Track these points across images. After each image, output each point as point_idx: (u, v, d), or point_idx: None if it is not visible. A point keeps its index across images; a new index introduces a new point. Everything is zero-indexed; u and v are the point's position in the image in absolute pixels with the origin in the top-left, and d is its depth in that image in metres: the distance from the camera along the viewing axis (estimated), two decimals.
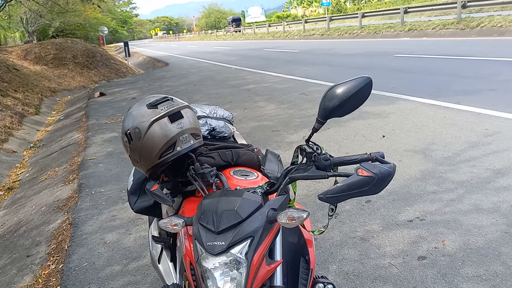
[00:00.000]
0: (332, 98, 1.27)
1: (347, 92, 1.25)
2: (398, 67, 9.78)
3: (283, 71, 11.56)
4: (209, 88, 10.15)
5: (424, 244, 2.71)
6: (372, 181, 1.16)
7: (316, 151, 1.33)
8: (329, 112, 1.27)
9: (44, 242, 3.55)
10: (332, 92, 1.27)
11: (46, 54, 15.95)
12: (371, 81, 1.27)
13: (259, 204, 1.22)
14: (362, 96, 1.27)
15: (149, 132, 1.39)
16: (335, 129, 5.41)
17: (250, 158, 1.67)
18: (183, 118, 1.44)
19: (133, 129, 1.42)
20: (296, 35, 28.47)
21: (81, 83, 15.25)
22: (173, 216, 1.31)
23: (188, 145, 1.44)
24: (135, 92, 10.88)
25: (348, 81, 1.27)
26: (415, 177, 3.69)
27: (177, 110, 1.43)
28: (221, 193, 1.27)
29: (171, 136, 1.40)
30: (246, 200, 1.22)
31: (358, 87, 1.25)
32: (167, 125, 1.40)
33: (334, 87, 1.27)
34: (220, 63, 16.36)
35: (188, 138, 1.44)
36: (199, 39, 54.67)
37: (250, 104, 7.72)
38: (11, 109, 9.20)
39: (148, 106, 1.43)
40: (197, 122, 1.52)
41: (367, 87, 1.26)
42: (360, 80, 1.26)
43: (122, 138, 1.48)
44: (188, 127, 1.44)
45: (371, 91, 1.30)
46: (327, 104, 1.27)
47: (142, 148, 1.42)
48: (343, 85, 1.27)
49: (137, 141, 1.42)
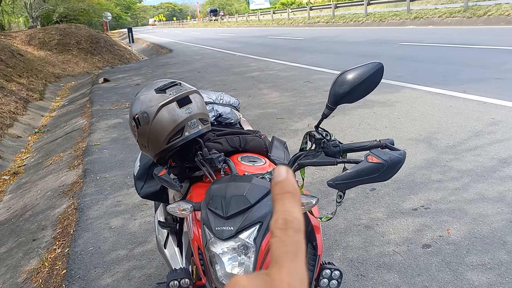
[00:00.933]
0: (343, 83, 1.26)
1: (357, 77, 1.24)
2: (404, 55, 9.71)
3: (288, 58, 11.50)
4: (213, 75, 10.11)
5: (428, 232, 2.71)
6: (382, 167, 1.16)
7: (325, 137, 1.33)
8: (339, 98, 1.26)
9: (49, 226, 3.57)
10: (343, 77, 1.26)
11: (50, 39, 15.90)
12: (383, 67, 1.26)
13: (268, 190, 1.22)
14: (373, 82, 1.26)
15: (157, 117, 1.39)
16: (340, 117, 5.39)
17: (258, 144, 1.66)
18: (192, 103, 1.43)
19: (141, 114, 1.41)
20: (300, 22, 28.25)
21: (85, 69, 15.21)
22: (181, 201, 1.31)
23: (196, 130, 1.43)
24: (139, 79, 10.86)
25: (359, 66, 1.26)
26: (420, 166, 3.68)
27: (186, 95, 1.43)
28: (229, 179, 1.27)
29: (180, 121, 1.40)
30: (255, 186, 1.22)
31: (369, 73, 1.24)
32: (175, 110, 1.40)
33: (344, 73, 1.26)
34: (224, 50, 16.28)
35: (197, 123, 1.44)
36: (202, 26, 54.35)
37: (255, 91, 7.70)
38: (15, 94, 9.20)
39: (157, 91, 1.43)
40: (205, 107, 1.52)
41: (378, 72, 1.25)
42: (371, 66, 1.25)
43: (130, 123, 1.48)
44: (196, 112, 1.44)
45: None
46: (338, 90, 1.26)
47: (150, 133, 1.41)
48: (354, 71, 1.26)
49: (145, 125, 1.41)
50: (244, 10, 61.99)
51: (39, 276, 2.86)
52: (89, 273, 2.71)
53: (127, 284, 2.55)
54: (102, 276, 2.65)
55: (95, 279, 2.64)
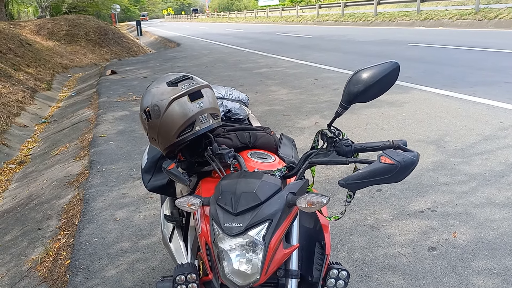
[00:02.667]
0: (357, 82, 1.24)
1: (373, 77, 1.23)
2: (413, 56, 9.65)
3: (296, 56, 11.46)
4: (220, 71, 10.09)
5: (434, 235, 2.70)
6: (394, 169, 1.15)
7: (337, 136, 1.31)
8: (353, 97, 1.25)
9: (55, 216, 3.58)
10: (358, 76, 1.24)
11: (58, 30, 15.92)
12: (399, 67, 1.24)
13: (278, 187, 1.21)
14: (388, 82, 1.24)
15: (168, 110, 1.38)
16: (347, 116, 5.37)
17: (268, 141, 1.65)
18: (203, 97, 1.42)
19: (152, 107, 1.41)
20: (309, 20, 28.16)
21: (92, 60, 15.23)
22: (190, 196, 1.30)
23: (207, 125, 1.43)
24: (146, 72, 10.86)
25: (375, 65, 1.24)
26: (427, 168, 3.66)
27: (198, 89, 1.42)
28: (239, 175, 1.26)
29: (190, 115, 1.39)
30: (265, 183, 1.21)
31: (385, 72, 1.23)
32: (186, 104, 1.39)
33: (359, 72, 1.25)
34: (232, 46, 16.25)
35: (207, 118, 1.43)
36: (211, 21, 54.30)
37: (262, 88, 7.68)
38: (23, 84, 9.23)
39: (168, 84, 1.42)
40: (217, 102, 1.51)
41: (394, 72, 1.23)
42: (387, 66, 1.23)
43: (141, 116, 1.47)
44: (207, 107, 1.43)
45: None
46: (352, 89, 1.25)
47: (161, 126, 1.41)
48: (369, 70, 1.24)
49: (156, 119, 1.41)
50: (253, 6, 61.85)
51: (44, 265, 2.86)
52: (93, 264, 2.71)
53: (130, 276, 2.56)
54: (106, 268, 2.66)
55: (99, 270, 2.64)
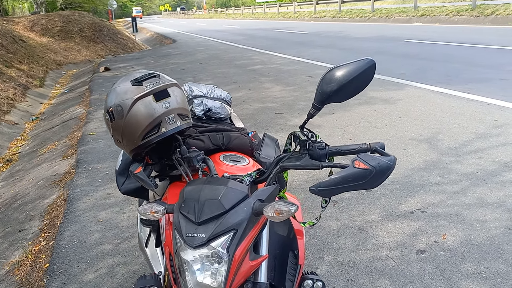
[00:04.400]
0: (331, 81, 1.16)
1: (347, 75, 1.14)
2: (409, 53, 9.57)
3: (291, 52, 11.37)
4: (215, 67, 9.99)
5: (424, 237, 2.62)
6: (369, 174, 1.07)
7: (310, 139, 1.23)
8: (326, 96, 1.17)
9: (37, 217, 3.49)
10: (331, 74, 1.16)
11: (52, 26, 15.76)
12: (375, 64, 1.16)
13: (244, 195, 1.13)
14: (363, 81, 1.16)
15: (132, 111, 1.29)
16: (340, 113, 5.29)
17: (242, 142, 1.56)
18: (170, 97, 1.34)
19: (115, 107, 1.32)
20: (306, 16, 28.02)
21: (87, 57, 15.09)
22: (154, 202, 1.22)
23: (174, 126, 1.34)
24: (140, 68, 10.75)
25: (349, 63, 1.16)
26: (419, 167, 3.58)
27: (164, 88, 1.33)
28: (204, 181, 1.17)
29: (156, 116, 1.30)
30: (230, 190, 1.13)
31: (360, 70, 1.14)
32: (151, 104, 1.30)
33: (333, 70, 1.16)
34: (228, 42, 16.14)
35: (175, 119, 1.34)
36: (208, 17, 54.08)
37: (256, 85, 7.59)
38: (15, 81, 9.11)
39: (133, 82, 1.33)
40: (186, 102, 1.42)
41: (369, 70, 1.15)
42: (362, 63, 1.15)
43: (105, 116, 1.39)
44: (175, 107, 1.34)
45: (374, 76, 1.20)
46: (325, 88, 1.16)
47: (125, 127, 1.32)
48: (343, 68, 1.15)
49: (119, 119, 1.32)
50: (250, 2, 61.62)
51: (22, 269, 2.78)
52: (71, 268, 2.63)
53: (109, 281, 2.47)
54: (85, 272, 2.57)
55: (77, 274, 2.56)
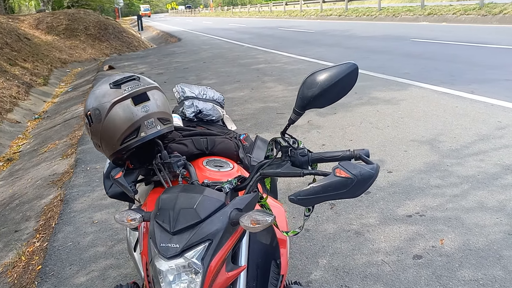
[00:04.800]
0: (312, 86, 1.11)
1: (329, 79, 1.10)
2: (414, 52, 9.47)
3: (296, 51, 11.30)
4: (218, 66, 9.96)
5: (421, 242, 2.57)
6: (350, 183, 1.02)
7: (292, 145, 1.18)
8: (307, 101, 1.12)
9: (33, 218, 3.48)
10: (312, 79, 1.11)
11: (58, 24, 15.80)
12: (357, 68, 1.11)
13: (221, 203, 1.09)
14: (346, 85, 1.11)
15: (110, 115, 1.26)
16: (342, 114, 5.23)
17: (227, 147, 1.52)
18: (149, 100, 1.30)
19: (93, 110, 1.28)
20: (313, 14, 27.90)
21: (92, 55, 15.11)
22: (131, 210, 1.19)
23: (153, 131, 1.30)
24: (144, 67, 10.75)
25: (331, 67, 1.12)
26: (419, 169, 3.52)
27: (143, 91, 1.29)
28: (181, 188, 1.13)
29: (135, 120, 1.27)
30: (206, 198, 1.09)
31: (342, 75, 1.10)
32: (129, 108, 1.27)
33: (314, 74, 1.12)
34: (233, 41, 16.10)
35: (155, 123, 1.30)
36: (214, 15, 54.05)
37: (258, 84, 7.54)
38: (18, 79, 9.13)
39: (111, 85, 1.30)
40: (167, 106, 1.38)
41: (352, 74, 1.10)
42: (344, 67, 1.10)
43: (84, 120, 1.35)
44: (154, 111, 1.30)
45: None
46: (306, 93, 1.12)
47: (103, 131, 1.29)
48: (325, 72, 1.11)
49: (97, 123, 1.29)
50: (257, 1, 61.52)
51: (14, 270, 2.76)
52: (63, 270, 2.60)
53: (101, 284, 2.44)
54: (77, 275, 2.55)
55: (69, 277, 2.53)
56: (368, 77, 7.09)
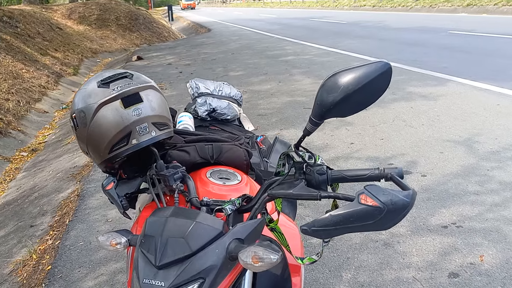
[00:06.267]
0: (333, 89, 0.90)
1: (354, 82, 0.89)
2: (452, 45, 9.00)
3: (326, 43, 10.96)
4: (246, 58, 9.75)
5: (458, 258, 2.31)
6: (378, 213, 0.81)
7: (307, 161, 0.98)
8: (326, 109, 0.91)
9: (50, 213, 3.40)
10: (334, 81, 0.90)
11: (89, 14, 15.93)
12: (390, 69, 0.89)
13: (217, 232, 0.89)
14: (375, 90, 0.90)
15: (95, 118, 1.08)
16: (373, 110, 4.95)
17: (236, 155, 1.32)
18: (142, 102, 1.11)
19: (79, 112, 1.11)
20: (346, 5, 27.25)
21: (122, 45, 15.16)
22: (116, 232, 1.01)
23: (147, 137, 1.12)
24: (172, 58, 10.65)
25: (358, 66, 0.90)
26: (455, 173, 3.24)
27: (134, 91, 1.11)
28: (171, 211, 0.94)
29: (124, 125, 1.09)
30: (200, 226, 0.89)
31: (371, 76, 0.88)
32: (118, 111, 1.09)
33: (336, 75, 0.91)
34: (262, 32, 15.83)
35: (148, 129, 1.12)
36: (246, 6, 53.70)
37: (286, 77, 7.30)
38: (48, 69, 9.19)
39: (99, 84, 1.12)
40: (165, 108, 1.20)
41: (384, 76, 0.89)
42: (374, 67, 0.88)
43: (70, 121, 1.18)
44: (148, 115, 1.12)
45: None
46: (326, 98, 0.91)
47: (89, 137, 1.11)
48: (349, 72, 0.90)
49: (82, 127, 1.11)
50: None
51: (25, 269, 2.67)
52: (72, 272, 2.48)
53: None
54: (85, 278, 2.42)
55: (76, 280, 2.41)
56: (402, 71, 6.74)
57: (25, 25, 10.70)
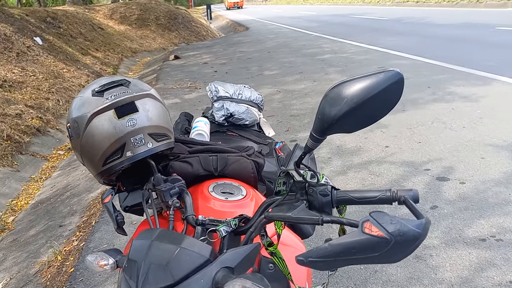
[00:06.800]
0: (337, 101, 0.80)
1: (361, 93, 0.78)
2: (500, 42, 8.53)
3: (366, 40, 10.67)
4: (282, 56, 9.64)
5: (496, 275, 2.13)
6: (384, 244, 0.70)
7: (309, 181, 0.87)
8: (329, 123, 0.81)
9: (78, 213, 3.43)
10: (337, 92, 0.80)
11: (130, 14, 16.27)
12: (402, 79, 0.77)
13: (204, 260, 0.80)
14: (384, 103, 0.78)
15: (88, 129, 1.02)
16: (411, 111, 4.73)
17: (242, 167, 1.23)
18: (138, 112, 1.04)
19: (72, 122, 1.06)
20: (388, 1, 26.56)
21: (161, 44, 15.38)
22: (105, 252, 0.95)
23: (143, 149, 1.05)
24: (208, 57, 10.68)
25: (365, 76, 0.79)
26: (497, 181, 3.02)
27: (129, 100, 1.04)
28: (156, 234, 0.86)
29: (118, 137, 1.02)
30: (185, 252, 0.81)
31: (380, 87, 0.77)
32: (112, 121, 1.02)
33: (340, 85, 0.80)
34: (300, 29, 15.63)
35: (144, 140, 1.05)
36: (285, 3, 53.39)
37: (321, 76, 7.14)
38: (88, 68, 9.43)
39: (93, 92, 1.05)
40: (164, 117, 1.12)
41: (394, 87, 0.77)
42: (383, 77, 0.77)
43: (66, 131, 1.13)
44: (144, 125, 1.05)
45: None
46: (328, 111, 0.81)
47: (82, 148, 1.05)
48: (356, 82, 0.79)
49: (76, 138, 1.06)
50: None
51: (49, 270, 2.69)
52: (93, 276, 2.47)
53: None
54: (105, 283, 2.40)
55: (97, 284, 2.40)
56: (444, 69, 6.44)
57: (68, 26, 11.02)
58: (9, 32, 7.83)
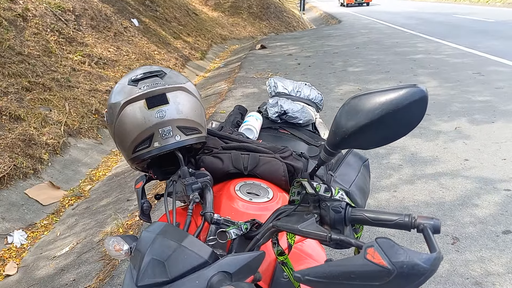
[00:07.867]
0: (354, 114, 0.74)
1: (379, 108, 0.71)
2: None
3: (464, 42, 9.94)
4: (371, 53, 9.30)
5: None
6: (386, 275, 0.64)
7: (322, 194, 0.82)
8: (342, 136, 0.75)
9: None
10: (354, 105, 0.74)
11: (224, 1, 16.63)
12: (426, 97, 0.69)
13: (202, 261, 0.79)
14: (405, 121, 0.71)
15: (120, 116, 1.05)
16: (501, 123, 4.33)
17: (273, 169, 1.19)
18: (168, 104, 1.05)
19: (109, 107, 1.10)
20: (498, 1, 24.49)
21: (251, 33, 15.57)
22: (122, 237, 0.97)
23: (170, 141, 1.06)
24: (294, 49, 10.62)
25: (385, 90, 0.72)
26: None
27: (161, 92, 1.05)
28: (162, 229, 0.86)
29: (146, 127, 1.04)
30: (184, 251, 0.80)
31: (400, 104, 0.70)
32: (142, 111, 1.04)
33: (357, 98, 0.74)
34: (396, 26, 14.96)
35: (172, 133, 1.06)
36: None
37: (409, 77, 6.78)
38: (178, 52, 9.82)
39: (129, 81, 1.08)
40: (195, 111, 1.12)
41: (417, 106, 0.69)
42: (405, 93, 0.70)
43: None
44: (173, 118, 1.05)
45: (426, 111, 0.73)
46: (344, 124, 0.75)
47: (115, 134, 1.09)
48: (374, 96, 0.72)
49: (110, 124, 1.10)
50: None
51: None
52: None
53: None
54: None
55: None
56: None
57: (164, 9, 11.55)
58: (110, 13, 8.38)
